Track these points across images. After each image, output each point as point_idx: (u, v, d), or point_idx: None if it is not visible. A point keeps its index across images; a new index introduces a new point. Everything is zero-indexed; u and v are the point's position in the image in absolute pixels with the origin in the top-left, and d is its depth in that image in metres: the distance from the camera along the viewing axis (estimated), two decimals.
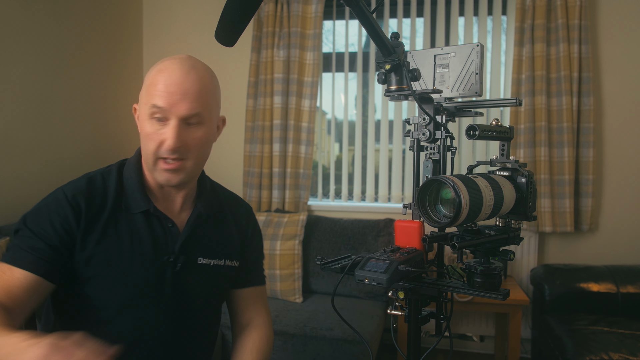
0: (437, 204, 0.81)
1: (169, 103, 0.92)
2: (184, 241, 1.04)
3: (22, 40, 2.25)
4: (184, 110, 0.92)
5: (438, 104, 0.92)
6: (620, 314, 2.35)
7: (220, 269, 1.09)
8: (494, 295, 0.81)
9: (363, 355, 2.08)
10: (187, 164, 0.97)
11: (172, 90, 0.92)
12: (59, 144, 2.50)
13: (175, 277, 1.02)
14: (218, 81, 1.01)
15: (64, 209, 0.95)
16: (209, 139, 1.00)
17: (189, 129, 0.95)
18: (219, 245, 1.10)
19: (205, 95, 0.95)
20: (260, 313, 1.18)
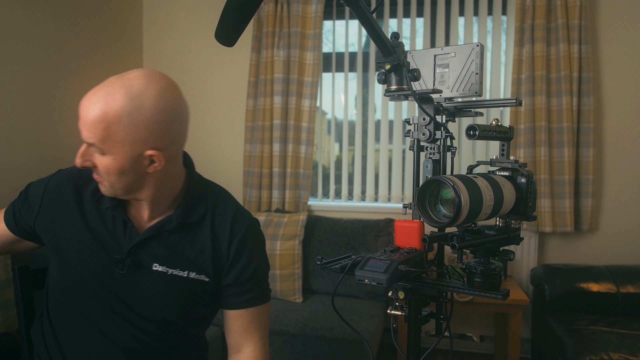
0: (437, 204, 0.81)
1: (79, 124, 0.97)
2: (138, 244, 1.03)
3: (22, 40, 2.25)
4: (83, 136, 0.97)
5: (438, 104, 0.92)
6: (620, 314, 2.35)
7: (182, 281, 1.04)
8: (494, 295, 0.81)
9: (363, 355, 2.08)
10: (104, 184, 1.00)
11: (80, 114, 0.97)
12: (59, 144, 2.50)
13: (124, 279, 1.03)
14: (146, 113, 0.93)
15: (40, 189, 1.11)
16: (121, 169, 0.96)
17: (95, 153, 0.97)
18: (185, 256, 1.05)
19: (102, 129, 0.92)
20: (251, 340, 1.12)
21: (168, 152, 0.98)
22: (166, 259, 1.04)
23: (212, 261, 1.07)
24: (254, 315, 1.12)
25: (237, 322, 1.11)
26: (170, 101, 0.96)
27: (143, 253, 1.04)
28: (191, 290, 1.06)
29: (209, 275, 1.07)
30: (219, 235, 1.08)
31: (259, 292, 1.13)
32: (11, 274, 1.75)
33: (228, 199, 1.15)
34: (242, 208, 1.15)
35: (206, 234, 1.07)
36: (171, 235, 1.05)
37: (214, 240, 1.08)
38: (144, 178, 0.99)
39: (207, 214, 1.09)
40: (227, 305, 1.11)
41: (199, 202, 1.09)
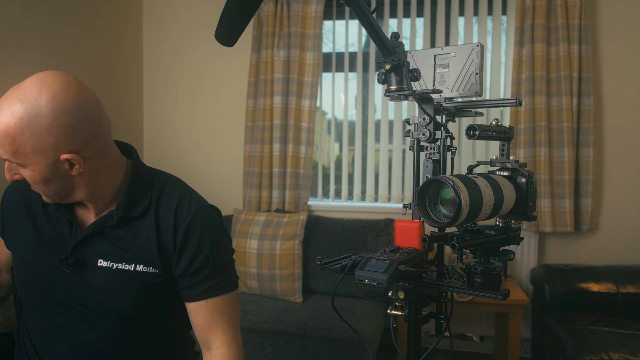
0: (437, 204, 0.81)
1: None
2: (80, 241, 1.04)
3: (22, 40, 2.25)
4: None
5: (438, 104, 0.92)
6: (620, 314, 2.35)
7: (129, 274, 1.03)
8: (494, 295, 0.81)
9: (363, 355, 2.08)
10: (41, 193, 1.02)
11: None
12: None
13: (72, 277, 1.04)
14: (44, 120, 0.89)
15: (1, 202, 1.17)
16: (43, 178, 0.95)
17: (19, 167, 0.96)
18: (130, 250, 1.04)
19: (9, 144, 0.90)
20: (216, 334, 1.08)
21: (85, 152, 0.95)
22: (110, 254, 1.03)
23: (158, 252, 1.04)
24: (216, 307, 1.07)
25: (198, 316, 1.07)
26: (68, 102, 0.91)
27: (87, 250, 1.04)
28: (141, 282, 1.04)
29: (157, 267, 1.04)
30: (163, 225, 1.05)
31: (218, 282, 1.07)
32: None
33: (174, 187, 1.10)
34: (189, 195, 1.09)
35: (150, 226, 1.04)
36: (114, 230, 1.04)
37: (158, 231, 1.04)
38: (71, 181, 0.98)
39: (152, 204, 1.06)
40: (185, 297, 1.08)
41: (143, 194, 1.06)
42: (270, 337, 2.15)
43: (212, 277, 1.06)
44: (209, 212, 1.09)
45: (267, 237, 2.57)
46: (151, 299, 1.06)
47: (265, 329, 2.17)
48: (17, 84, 0.93)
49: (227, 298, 1.09)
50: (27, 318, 1.11)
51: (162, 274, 1.04)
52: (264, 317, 2.25)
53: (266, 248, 2.55)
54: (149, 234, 1.04)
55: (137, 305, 1.04)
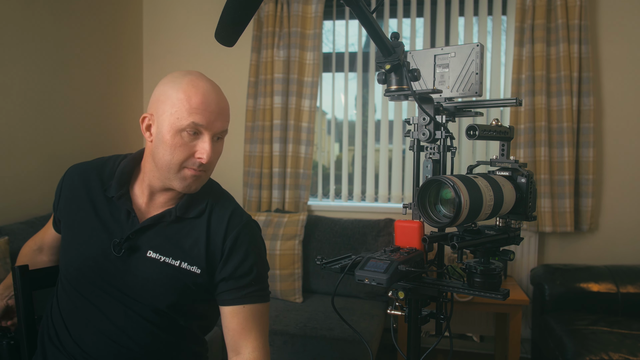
0: (437, 204, 0.81)
1: (207, 121, 1.01)
2: (137, 231, 1.08)
3: (22, 40, 2.25)
4: (218, 127, 1.04)
5: (438, 104, 0.92)
6: (620, 314, 2.35)
7: (173, 269, 1.07)
8: (494, 295, 0.81)
9: (363, 355, 2.08)
10: (206, 174, 1.09)
11: (211, 109, 1.01)
12: (59, 144, 2.50)
13: (119, 262, 1.08)
14: None
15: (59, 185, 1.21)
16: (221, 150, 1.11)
17: (215, 143, 1.06)
18: (179, 247, 1.08)
19: (229, 113, 1.08)
20: (249, 340, 1.09)
21: None
22: (161, 247, 1.08)
23: (205, 254, 1.09)
24: (252, 314, 1.10)
25: (234, 320, 1.09)
26: None
27: (140, 240, 1.08)
28: (181, 280, 1.07)
29: (201, 267, 1.08)
30: (215, 230, 1.10)
31: (257, 289, 1.11)
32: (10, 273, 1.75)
33: (229, 199, 1.18)
34: (241, 209, 1.18)
35: (202, 227, 1.10)
36: (169, 226, 1.10)
37: (208, 234, 1.10)
38: None
39: (207, 209, 1.12)
40: (224, 300, 1.10)
41: (201, 198, 1.13)
42: (270, 337, 2.14)
43: (252, 285, 1.11)
44: (256, 227, 1.18)
45: (267, 237, 2.57)
46: (186, 298, 1.10)
47: None
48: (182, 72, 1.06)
49: (262, 307, 1.12)
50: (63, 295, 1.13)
51: (204, 274, 1.09)
52: None
53: (266, 248, 2.55)
54: (199, 235, 1.10)
55: (172, 301, 1.08)
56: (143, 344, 1.07)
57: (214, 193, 1.16)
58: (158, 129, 1.03)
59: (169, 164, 1.03)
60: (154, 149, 1.05)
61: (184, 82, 1.02)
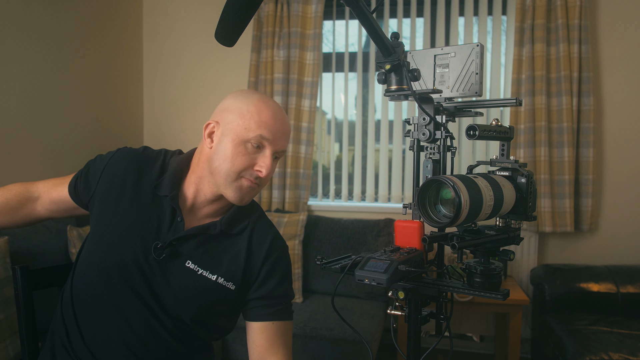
0: (437, 204, 0.81)
1: (273, 136, 1.04)
2: (181, 237, 1.06)
3: (22, 40, 2.25)
4: (281, 146, 1.07)
5: (438, 104, 0.92)
6: (620, 314, 2.35)
7: (208, 283, 1.07)
8: (494, 295, 0.81)
9: (363, 355, 2.08)
10: (259, 189, 1.09)
11: (278, 126, 1.05)
12: (59, 144, 2.50)
13: (157, 266, 1.05)
14: None
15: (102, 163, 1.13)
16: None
17: (274, 161, 1.08)
18: (218, 261, 1.09)
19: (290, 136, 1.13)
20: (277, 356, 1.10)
21: None
22: (200, 259, 1.08)
23: (242, 272, 1.10)
24: (280, 329, 1.12)
25: (263, 335, 1.11)
26: None
27: (182, 247, 1.07)
28: (214, 294, 1.08)
29: (236, 284, 1.09)
30: (255, 250, 1.12)
31: (285, 307, 1.14)
32: (11, 273, 1.75)
33: (269, 220, 1.20)
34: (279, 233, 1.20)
35: (242, 245, 1.12)
36: (211, 238, 1.10)
37: (248, 253, 1.12)
38: None
39: (248, 227, 1.14)
40: (255, 316, 1.12)
41: (244, 215, 1.14)
42: None
43: (282, 303, 1.14)
44: (289, 253, 1.21)
45: None
46: (212, 312, 1.10)
47: None
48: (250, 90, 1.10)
49: (289, 324, 1.15)
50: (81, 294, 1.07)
51: (237, 291, 1.10)
52: None
53: None
54: (239, 252, 1.11)
55: (198, 314, 1.08)
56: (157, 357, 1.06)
57: (257, 212, 1.17)
58: (222, 137, 1.04)
59: (228, 171, 1.04)
60: (213, 155, 1.05)
61: (255, 97, 1.06)
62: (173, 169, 1.10)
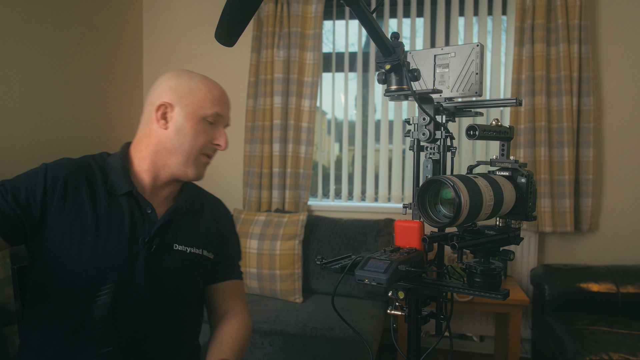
0: (437, 204, 0.81)
1: (225, 112, 1.12)
2: (161, 226, 1.10)
3: (22, 40, 2.25)
4: (229, 118, 1.16)
5: (438, 104, 0.92)
6: (620, 314, 2.35)
7: (197, 258, 1.15)
8: (494, 295, 0.81)
9: (363, 355, 2.08)
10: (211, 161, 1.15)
11: (226, 102, 1.13)
12: (59, 144, 2.50)
13: (149, 258, 1.07)
14: None
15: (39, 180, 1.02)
16: None
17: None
18: (197, 235, 1.17)
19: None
20: (238, 304, 1.23)
21: None
22: (184, 239, 1.13)
23: (216, 239, 1.21)
24: (240, 286, 1.27)
25: (228, 291, 1.23)
26: None
27: (165, 234, 1.11)
28: (202, 267, 1.17)
29: (213, 252, 1.20)
30: (217, 216, 1.23)
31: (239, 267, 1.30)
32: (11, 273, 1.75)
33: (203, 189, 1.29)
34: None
35: (208, 217, 1.21)
36: (183, 218, 1.15)
37: (216, 223, 1.22)
38: None
39: (203, 200, 1.24)
40: (223, 276, 1.23)
41: (194, 191, 1.23)
42: (270, 337, 2.14)
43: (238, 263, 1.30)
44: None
45: (267, 237, 2.57)
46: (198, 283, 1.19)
47: (265, 329, 2.17)
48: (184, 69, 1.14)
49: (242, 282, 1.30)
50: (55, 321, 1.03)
51: (214, 259, 1.21)
52: (264, 317, 2.25)
53: (266, 248, 2.55)
54: (209, 224, 1.21)
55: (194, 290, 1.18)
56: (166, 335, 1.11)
57: (198, 187, 1.26)
58: (178, 117, 1.07)
59: (191, 149, 1.08)
60: (170, 135, 1.07)
61: (199, 76, 1.11)
62: (119, 167, 1.09)
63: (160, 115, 1.07)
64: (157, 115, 1.07)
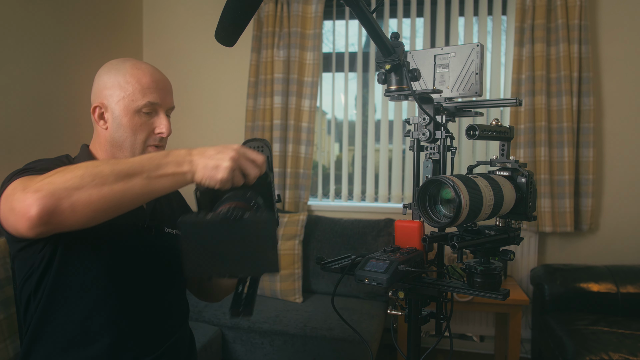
0: (437, 204, 0.81)
1: (161, 98, 1.06)
2: (152, 211, 1.13)
3: (22, 40, 2.25)
4: (169, 103, 1.09)
5: (438, 104, 0.92)
6: (620, 314, 2.35)
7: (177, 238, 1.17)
8: (494, 295, 0.81)
9: (363, 355, 2.08)
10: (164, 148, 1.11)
11: (160, 86, 1.06)
12: (59, 144, 2.50)
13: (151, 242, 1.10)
14: None
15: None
16: None
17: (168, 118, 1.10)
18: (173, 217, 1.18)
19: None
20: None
21: None
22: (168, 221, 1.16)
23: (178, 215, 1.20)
24: None
25: None
26: None
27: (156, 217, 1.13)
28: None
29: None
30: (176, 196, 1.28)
31: None
32: (11, 273, 1.75)
33: None
34: None
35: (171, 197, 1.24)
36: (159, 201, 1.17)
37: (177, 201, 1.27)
38: None
39: None
40: None
41: None
42: (270, 337, 2.15)
43: None
44: None
45: None
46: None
47: (265, 329, 2.17)
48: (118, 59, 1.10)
49: None
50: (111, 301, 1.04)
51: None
52: (264, 317, 2.25)
53: None
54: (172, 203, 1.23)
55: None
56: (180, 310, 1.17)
57: None
58: (113, 115, 1.04)
59: (133, 144, 1.05)
60: (113, 134, 1.05)
61: (127, 67, 1.05)
62: None
63: (98, 117, 1.07)
64: (96, 117, 1.07)
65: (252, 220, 0.64)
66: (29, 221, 0.72)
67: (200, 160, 0.77)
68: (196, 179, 0.78)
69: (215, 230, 0.65)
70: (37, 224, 0.72)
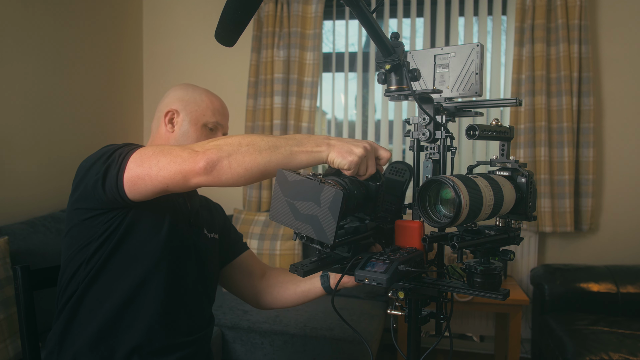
0: (437, 204, 0.81)
1: (224, 122, 1.27)
2: (196, 213, 1.23)
3: (22, 40, 2.25)
4: (227, 128, 1.29)
5: (438, 104, 0.92)
6: (620, 314, 2.35)
7: (216, 242, 1.29)
8: (494, 295, 0.81)
9: (363, 355, 2.08)
10: None
11: (225, 113, 1.28)
12: (59, 144, 2.50)
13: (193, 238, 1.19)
14: None
15: None
16: None
17: None
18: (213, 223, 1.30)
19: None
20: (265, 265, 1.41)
21: None
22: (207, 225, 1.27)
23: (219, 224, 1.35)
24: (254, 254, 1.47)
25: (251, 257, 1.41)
26: None
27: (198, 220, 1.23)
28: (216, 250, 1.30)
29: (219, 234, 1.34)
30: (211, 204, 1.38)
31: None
32: (11, 272, 1.75)
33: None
34: None
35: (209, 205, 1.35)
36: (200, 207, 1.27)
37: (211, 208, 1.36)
38: None
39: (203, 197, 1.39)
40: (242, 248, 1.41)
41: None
42: (270, 337, 2.15)
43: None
44: None
45: (267, 237, 2.57)
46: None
47: (265, 329, 2.17)
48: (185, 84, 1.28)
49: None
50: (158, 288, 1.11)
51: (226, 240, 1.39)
52: (264, 317, 2.25)
53: (266, 248, 2.55)
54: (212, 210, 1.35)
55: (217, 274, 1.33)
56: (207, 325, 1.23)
57: None
58: (183, 122, 1.21)
59: None
60: (178, 138, 1.20)
61: (203, 90, 1.25)
62: None
63: (168, 120, 1.22)
64: (165, 120, 1.22)
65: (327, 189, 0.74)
66: (194, 170, 0.89)
67: (338, 143, 0.89)
68: (329, 159, 0.89)
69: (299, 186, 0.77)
70: (201, 172, 0.88)
